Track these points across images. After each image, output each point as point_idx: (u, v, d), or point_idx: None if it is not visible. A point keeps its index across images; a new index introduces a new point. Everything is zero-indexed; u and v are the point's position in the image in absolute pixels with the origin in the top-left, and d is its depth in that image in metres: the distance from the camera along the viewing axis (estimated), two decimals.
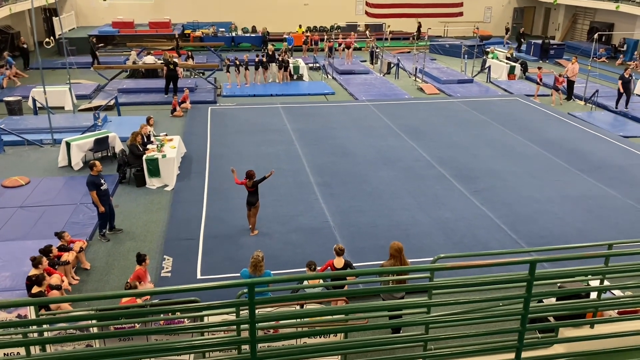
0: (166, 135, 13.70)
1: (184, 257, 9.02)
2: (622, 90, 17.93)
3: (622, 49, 28.00)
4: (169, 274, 8.57)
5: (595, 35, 20.53)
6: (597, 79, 22.05)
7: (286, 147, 14.40)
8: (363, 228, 10.06)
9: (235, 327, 4.13)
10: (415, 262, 8.07)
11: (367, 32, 26.99)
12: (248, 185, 9.54)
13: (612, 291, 6.02)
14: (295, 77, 22.53)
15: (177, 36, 25.54)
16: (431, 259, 5.18)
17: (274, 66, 21.41)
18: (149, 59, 21.84)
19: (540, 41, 28.44)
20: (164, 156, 12.10)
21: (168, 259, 8.96)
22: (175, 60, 19.64)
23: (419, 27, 30.96)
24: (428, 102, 19.55)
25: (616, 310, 5.31)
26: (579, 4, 29.98)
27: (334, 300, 5.74)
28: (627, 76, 17.92)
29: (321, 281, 6.85)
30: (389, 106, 18.60)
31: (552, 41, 29.07)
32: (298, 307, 6.32)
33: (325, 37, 26.89)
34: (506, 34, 28.52)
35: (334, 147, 14.46)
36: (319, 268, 7.34)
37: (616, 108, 18.13)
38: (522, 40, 29.55)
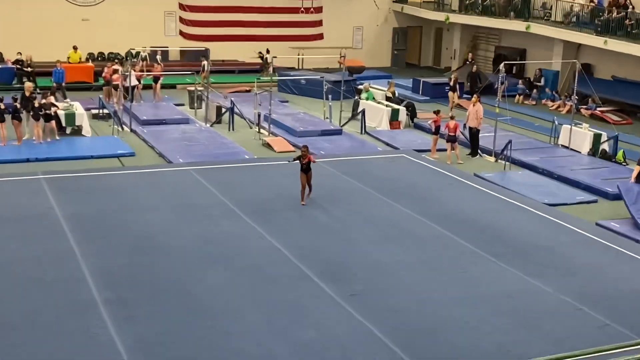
0: None
1: None
2: None
3: (539, 84, 30.80)
4: None
5: (501, 66, 22.45)
6: (509, 124, 24.09)
7: (52, 244, 13.67)
8: None
9: None
10: None
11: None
12: None
13: None
14: (68, 130, 21.92)
15: None
16: None
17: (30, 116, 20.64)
18: None
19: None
20: None
21: None
22: None
23: (261, 55, 32.61)
24: (279, 164, 19.92)
25: None
26: (479, 23, 33.26)
27: None
28: None
29: None
30: (221, 172, 18.69)
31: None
32: None
33: (120, 69, 26.76)
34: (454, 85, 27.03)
35: (135, 240, 14.07)
36: None
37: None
38: (479, 80, 29.14)
